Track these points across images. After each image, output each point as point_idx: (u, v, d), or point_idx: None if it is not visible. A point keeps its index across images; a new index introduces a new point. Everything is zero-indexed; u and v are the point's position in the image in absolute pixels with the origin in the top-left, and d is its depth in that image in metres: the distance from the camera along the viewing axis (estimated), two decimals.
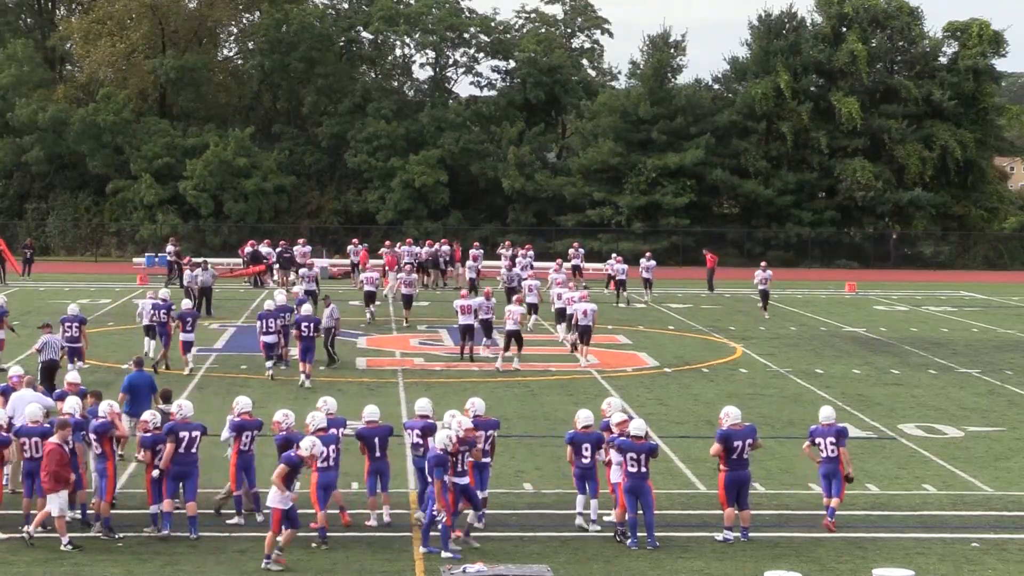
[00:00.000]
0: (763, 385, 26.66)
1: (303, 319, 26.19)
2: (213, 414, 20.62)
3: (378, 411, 16.03)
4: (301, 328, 26.00)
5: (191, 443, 15.34)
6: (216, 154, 61.88)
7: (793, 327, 36.90)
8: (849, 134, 62.90)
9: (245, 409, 16.02)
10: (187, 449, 15.30)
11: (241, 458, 15.83)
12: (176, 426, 15.40)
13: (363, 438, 15.78)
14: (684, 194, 61.92)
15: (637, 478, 14.95)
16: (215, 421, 18.91)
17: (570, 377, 27.31)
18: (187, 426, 15.42)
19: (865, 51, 63.21)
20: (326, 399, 16.28)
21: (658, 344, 32.68)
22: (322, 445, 14.93)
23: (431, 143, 64.45)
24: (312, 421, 15.43)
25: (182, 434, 15.31)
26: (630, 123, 63.46)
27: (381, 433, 15.77)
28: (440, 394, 24.50)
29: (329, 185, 66.48)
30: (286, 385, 25.42)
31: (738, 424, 15.50)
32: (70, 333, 25.26)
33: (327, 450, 15.07)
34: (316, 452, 14.67)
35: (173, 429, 15.34)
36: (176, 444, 15.24)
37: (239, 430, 15.85)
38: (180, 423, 15.45)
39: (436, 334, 33.50)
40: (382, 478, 15.75)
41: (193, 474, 15.30)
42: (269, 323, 26.56)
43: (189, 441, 15.34)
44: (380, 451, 15.69)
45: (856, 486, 18.21)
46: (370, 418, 15.90)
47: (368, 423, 15.88)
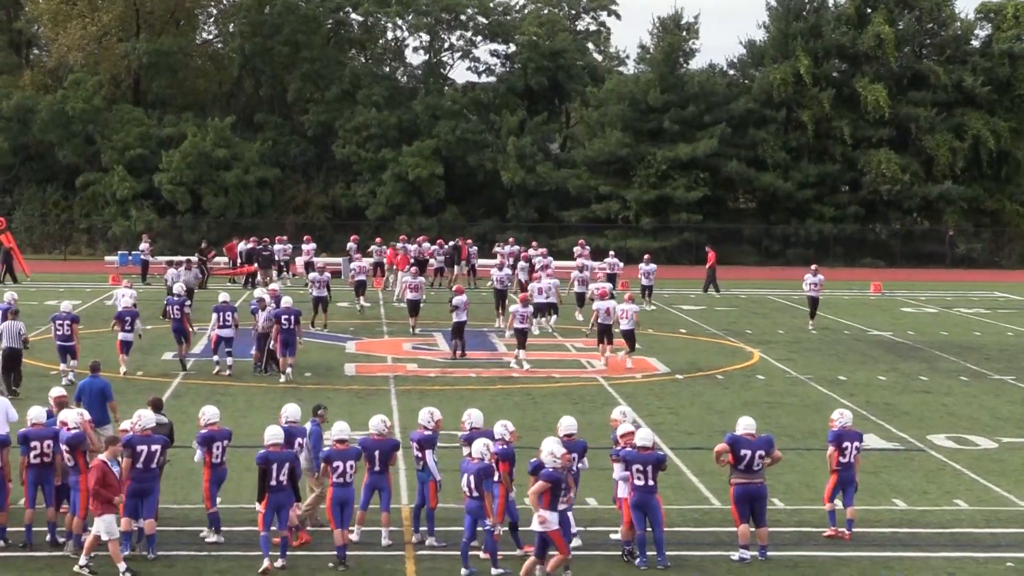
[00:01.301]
0: (782, 393, 26.66)
1: (282, 311, 27.14)
2: (190, 424, 20.59)
3: (383, 424, 15.96)
4: (281, 321, 27.02)
5: (150, 458, 15.14)
6: (194, 145, 61.90)
7: (814, 331, 36.89)
8: (874, 123, 62.92)
9: (212, 420, 15.98)
10: (146, 464, 15.12)
11: (214, 472, 15.77)
12: (133, 439, 15.17)
13: (365, 449, 15.78)
14: (697, 188, 61.96)
15: (644, 492, 14.94)
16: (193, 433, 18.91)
17: (575, 384, 27.30)
18: (147, 440, 15.19)
19: (892, 34, 63.23)
20: (287, 406, 16.20)
21: (669, 349, 32.68)
22: (340, 460, 14.95)
23: (425, 133, 64.47)
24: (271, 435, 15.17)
25: (140, 448, 15.08)
26: (639, 111, 63.48)
27: (384, 447, 15.72)
28: (435, 402, 24.48)
29: (316, 178, 66.50)
30: (270, 393, 25.41)
31: (751, 434, 15.49)
32: (62, 331, 25.88)
33: (343, 465, 15.03)
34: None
35: (130, 443, 15.12)
36: (133, 459, 15.05)
37: (208, 443, 15.79)
38: (138, 436, 15.21)
39: (431, 338, 33.50)
40: (381, 495, 15.74)
41: (154, 491, 15.18)
42: (225, 316, 27.37)
43: (148, 456, 15.12)
44: (380, 465, 15.68)
45: (883, 501, 18.20)
46: (378, 429, 15.91)
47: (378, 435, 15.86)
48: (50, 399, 17.07)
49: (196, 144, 61.92)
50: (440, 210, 64.46)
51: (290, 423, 15.85)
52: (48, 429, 15.71)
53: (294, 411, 16.11)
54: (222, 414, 22.70)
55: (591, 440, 21.45)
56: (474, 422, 15.92)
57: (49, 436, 15.60)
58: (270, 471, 14.73)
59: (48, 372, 27.03)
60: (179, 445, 17.04)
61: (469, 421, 15.96)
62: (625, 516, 15.31)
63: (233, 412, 23.22)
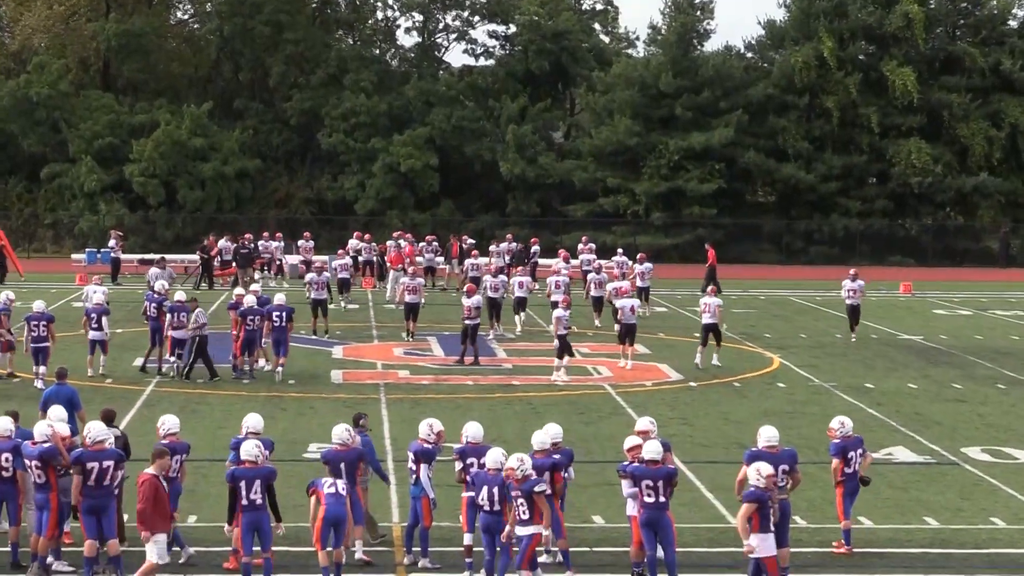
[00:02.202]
0: (804, 402, 26.64)
1: (275, 308, 27.94)
2: None
3: (346, 433, 15.95)
4: (272, 318, 27.76)
5: (103, 474, 15.04)
6: (168, 133, 61.89)
7: (838, 334, 36.88)
8: (904, 110, 62.91)
9: (172, 430, 15.94)
10: (98, 482, 15.02)
11: (170, 487, 15.74)
12: (83, 455, 15.06)
13: (329, 462, 15.72)
14: (712, 180, 61.96)
15: (654, 509, 14.91)
16: None
17: (580, 392, 27.29)
18: (99, 455, 15.07)
19: (922, 14, 63.23)
20: (248, 417, 16.12)
21: (682, 354, 32.66)
22: None
23: (418, 121, 64.47)
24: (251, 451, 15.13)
25: (90, 465, 14.99)
26: (649, 97, 63.48)
27: (349, 458, 15.70)
28: (429, 412, 24.46)
29: (300, 170, 66.51)
30: (251, 402, 25.39)
31: (774, 447, 15.45)
32: (36, 332, 26.08)
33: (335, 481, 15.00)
34: None
35: (80, 459, 15.02)
36: (83, 477, 14.98)
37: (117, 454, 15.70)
38: (90, 451, 15.11)
39: (424, 342, 33.49)
40: (352, 509, 15.71)
41: (110, 508, 15.12)
42: (181, 317, 27.63)
43: (100, 473, 15.02)
44: (348, 478, 15.62)
45: (913, 520, 18.18)
46: (339, 440, 15.85)
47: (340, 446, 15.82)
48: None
49: (170, 133, 61.91)
50: (434, 204, 64.45)
51: (252, 435, 15.75)
52: (8, 442, 15.65)
53: (256, 422, 15.95)
54: (198, 425, 22.94)
55: (599, 453, 21.49)
56: (470, 436, 15.87)
57: (8, 449, 15.54)
58: (239, 489, 14.69)
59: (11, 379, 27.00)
60: (139, 459, 16.97)
61: (466, 435, 15.92)
62: (635, 535, 15.28)
63: (210, 423, 23.21)
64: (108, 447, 15.25)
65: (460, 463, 15.56)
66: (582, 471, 18.68)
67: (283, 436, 22.01)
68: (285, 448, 21.01)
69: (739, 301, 45.86)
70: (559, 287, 36.88)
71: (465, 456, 15.52)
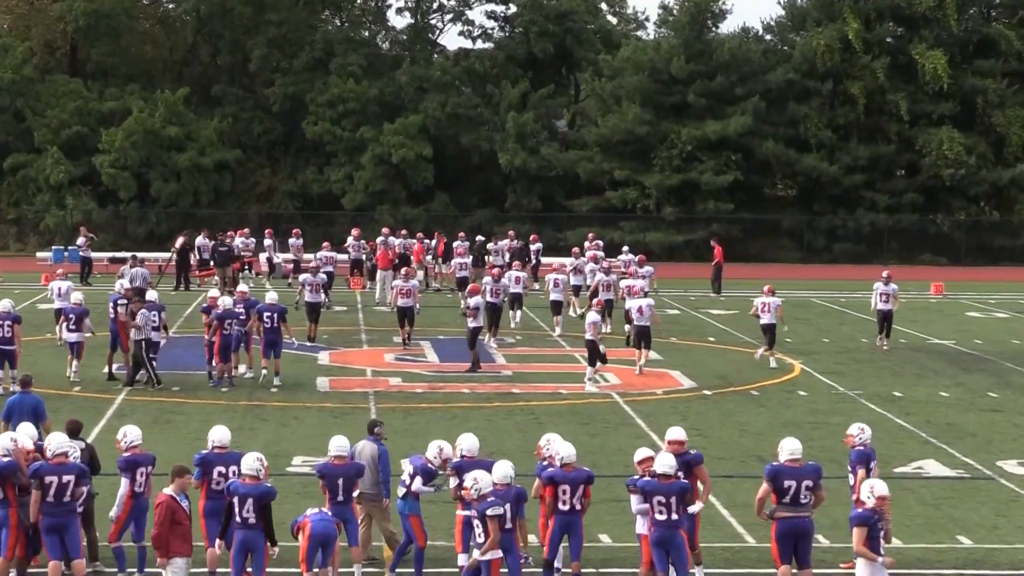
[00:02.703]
0: (827, 412, 26.64)
1: (266, 307, 28.17)
2: None
3: (347, 444, 15.96)
4: (263, 318, 27.97)
5: (62, 490, 15.00)
6: (140, 122, 61.90)
7: (864, 339, 36.88)
8: (935, 96, 62.92)
9: (135, 442, 15.88)
10: (58, 497, 14.98)
11: (135, 503, 15.68)
12: (42, 468, 15.01)
13: (325, 477, 15.72)
14: (727, 172, 61.98)
15: (667, 527, 14.90)
16: None
17: (585, 401, 27.29)
18: (58, 469, 15.03)
19: None
20: (214, 430, 16.01)
21: (695, 360, 32.66)
22: None
23: (411, 108, 64.48)
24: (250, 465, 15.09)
25: (49, 479, 14.93)
26: (660, 83, 63.49)
27: (347, 474, 15.69)
28: (423, 422, 24.48)
29: (283, 161, 66.52)
30: (228, 412, 25.38)
31: (797, 460, 15.45)
32: (2, 334, 26.29)
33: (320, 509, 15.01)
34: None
35: (38, 473, 14.96)
36: (42, 492, 14.94)
37: (130, 468, 15.70)
38: (49, 464, 15.06)
39: (417, 347, 33.49)
40: (346, 527, 15.70)
41: (72, 526, 15.09)
42: (118, 306, 28.10)
43: (59, 488, 14.97)
44: (344, 494, 15.62)
45: (945, 539, 18.18)
46: (338, 453, 15.84)
47: (335, 458, 15.81)
48: None
49: (143, 121, 61.90)
50: (428, 198, 64.45)
51: (217, 450, 15.71)
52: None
53: (222, 436, 15.84)
54: (173, 436, 22.93)
55: (605, 466, 21.48)
56: (466, 448, 15.83)
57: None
58: (233, 505, 14.68)
59: None
60: (108, 473, 16.95)
61: (460, 447, 15.89)
62: (644, 555, 15.28)
63: (186, 434, 23.20)
64: (70, 461, 15.22)
65: (456, 479, 15.52)
66: None
67: (265, 449, 21.90)
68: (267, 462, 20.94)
69: None
70: (558, 286, 36.97)
71: (462, 471, 15.49)
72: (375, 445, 16.30)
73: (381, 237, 45.61)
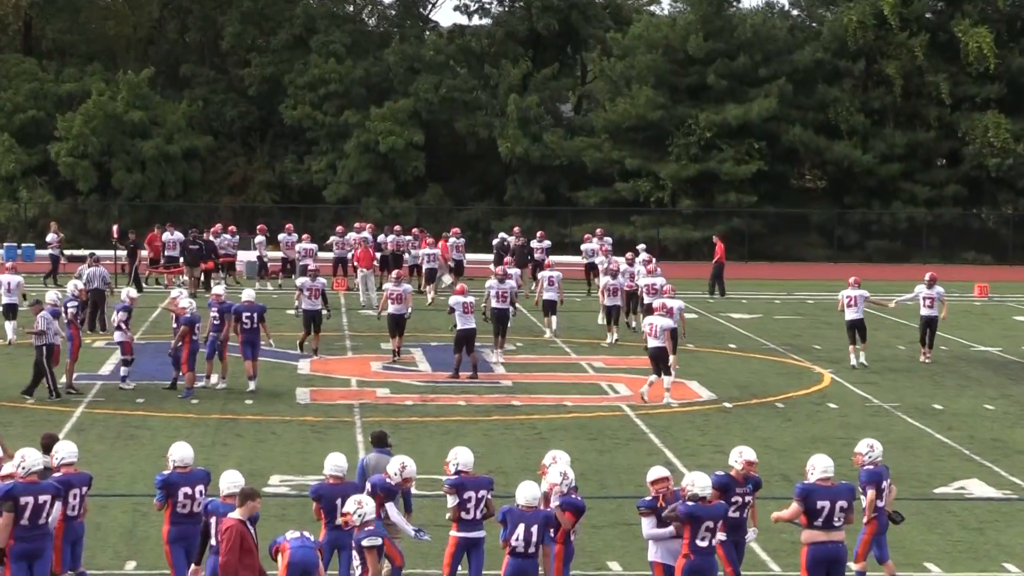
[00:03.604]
0: (860, 426, 26.62)
1: (244, 307, 28.48)
2: (96, 466, 20.60)
3: (344, 463, 15.96)
4: (243, 319, 28.25)
5: (38, 512, 14.95)
6: (101, 105, 61.90)
7: (902, 345, 36.89)
8: (979, 78, 62.95)
9: (68, 459, 15.75)
10: (33, 520, 14.92)
11: (68, 528, 15.59)
12: (15, 488, 14.92)
13: (321, 498, 15.73)
14: (750, 161, 61.99)
15: (706, 555, 14.96)
16: (99, 473, 18.85)
17: (593, 415, 27.30)
18: (32, 488, 14.97)
19: None
20: (175, 448, 15.99)
21: (715, 369, 32.66)
22: None
23: (400, 91, 64.50)
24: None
25: (24, 500, 14.86)
26: (676, 63, 63.49)
27: (346, 494, 15.67)
28: (413, 437, 24.48)
29: (259, 149, 66.53)
30: (199, 427, 25.40)
31: (828, 480, 15.47)
32: None
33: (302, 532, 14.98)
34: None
35: (11, 494, 14.88)
36: (16, 514, 14.87)
37: (63, 489, 15.58)
38: (23, 483, 14.99)
39: (408, 355, 33.50)
40: (341, 555, 15.71)
41: (45, 552, 15.08)
42: (69, 308, 28.22)
43: (35, 509, 14.92)
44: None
45: (990, 566, 18.18)
46: (334, 473, 15.85)
47: (331, 478, 15.83)
48: None
49: (103, 105, 61.91)
50: (419, 190, 64.44)
51: (179, 470, 15.68)
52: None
53: (183, 454, 15.80)
54: (137, 453, 22.95)
55: (615, 486, 21.49)
56: (461, 463, 15.84)
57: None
58: (211, 526, 14.69)
59: None
60: None
61: (455, 462, 15.89)
62: None
63: (151, 451, 23.17)
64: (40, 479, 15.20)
65: (456, 498, 15.51)
66: (595, 508, 18.69)
67: (239, 467, 21.93)
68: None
69: (782, 306, 45.86)
70: (552, 284, 36.96)
71: (463, 489, 15.52)
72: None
73: (363, 233, 45.54)
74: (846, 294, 33.09)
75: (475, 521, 15.59)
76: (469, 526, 15.51)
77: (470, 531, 15.54)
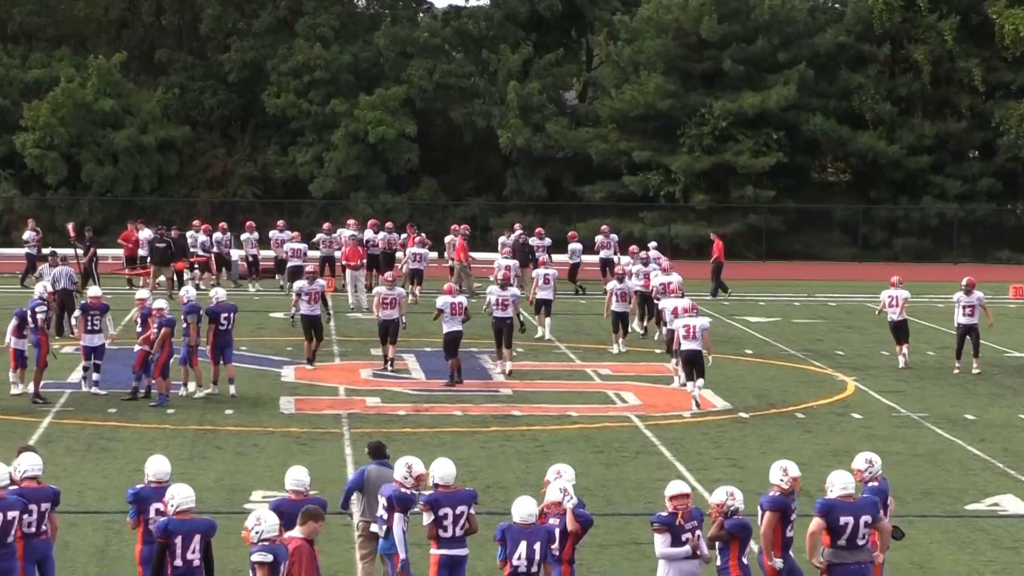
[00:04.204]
0: (886, 438, 26.63)
1: (220, 308, 28.79)
2: (65, 481, 20.59)
3: (306, 477, 15.96)
4: (220, 320, 28.58)
5: (6, 529, 14.97)
6: (70, 93, 61.88)
7: (931, 351, 36.89)
8: (1014, 64, 62.92)
9: (31, 472, 15.74)
10: (1, 538, 14.97)
11: (28, 547, 15.56)
12: None
13: (283, 515, 15.71)
14: (768, 152, 61.97)
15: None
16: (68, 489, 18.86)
17: (599, 426, 27.29)
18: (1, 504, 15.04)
19: None
20: (152, 461, 15.96)
21: (730, 376, 32.65)
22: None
23: (391, 77, 64.47)
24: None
25: None
26: (688, 47, 63.46)
27: None
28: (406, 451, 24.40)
29: (239, 140, 66.50)
30: (176, 438, 25.39)
31: (849, 496, 15.47)
32: None
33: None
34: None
35: None
36: None
37: (24, 504, 15.62)
38: None
39: (400, 361, 33.47)
40: None
41: (14, 571, 15.05)
42: (37, 313, 28.22)
43: (3, 527, 14.95)
44: None
45: None
46: (296, 488, 15.85)
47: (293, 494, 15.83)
48: None
49: (73, 92, 61.88)
50: (412, 184, 64.42)
51: (154, 485, 15.68)
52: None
53: (159, 468, 15.85)
54: (109, 467, 22.93)
55: (623, 503, 21.49)
56: (438, 477, 15.81)
57: None
58: (172, 546, 14.65)
59: None
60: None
61: (432, 475, 15.88)
62: None
63: (124, 464, 23.18)
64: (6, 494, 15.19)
65: (431, 514, 15.53)
66: (602, 526, 18.67)
67: (218, 482, 22.00)
68: (221, 498, 21.02)
69: (803, 309, 45.83)
70: (548, 282, 37.00)
71: (438, 506, 15.54)
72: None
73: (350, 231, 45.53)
74: (888, 294, 33.77)
75: (456, 538, 15.59)
76: (450, 543, 15.52)
77: (452, 548, 15.54)
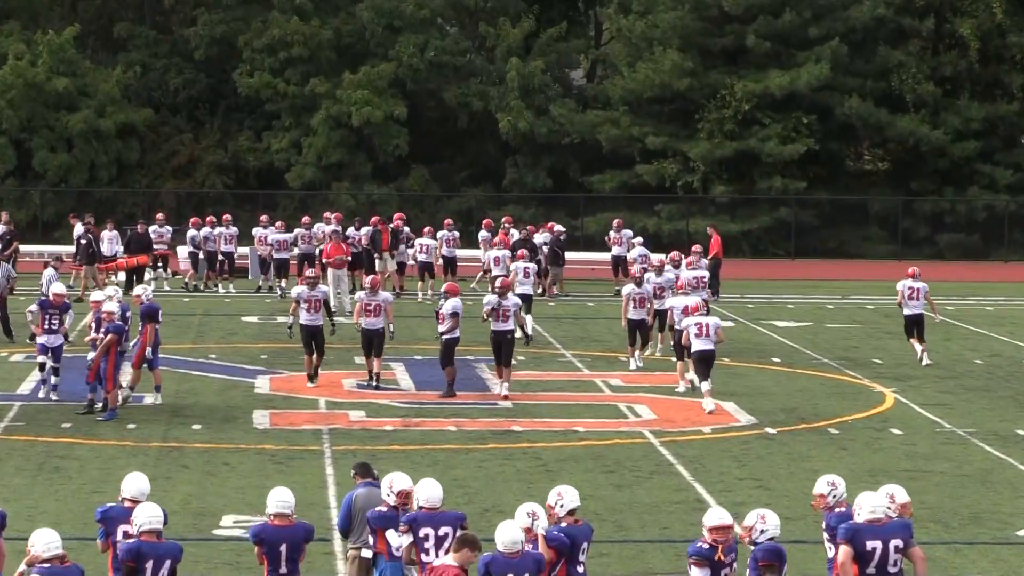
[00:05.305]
0: (929, 456, 26.66)
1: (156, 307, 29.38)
2: (14, 504, 20.62)
3: (291, 499, 16.03)
4: (159, 319, 29.28)
5: None
6: (18, 72, 61.91)
7: (978, 359, 36.90)
8: None
9: None
10: None
11: None
12: None
13: (263, 542, 15.80)
14: (798, 139, 61.99)
15: None
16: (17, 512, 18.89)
17: (609, 442, 27.32)
18: None
19: None
20: (129, 479, 16.02)
21: (755, 388, 32.67)
22: None
23: (378, 54, 64.50)
24: None
25: None
26: (707, 21, 63.50)
27: (293, 537, 15.76)
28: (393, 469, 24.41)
29: (208, 124, 66.51)
30: (138, 455, 25.42)
31: (879, 519, 15.51)
32: None
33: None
34: None
35: None
36: None
37: None
38: None
39: (386, 370, 33.50)
40: None
41: None
42: (53, 319, 28.98)
43: None
44: (288, 564, 15.70)
45: None
46: (279, 511, 15.92)
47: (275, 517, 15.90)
48: None
49: (22, 71, 61.92)
50: (401, 173, 64.44)
51: (128, 504, 15.74)
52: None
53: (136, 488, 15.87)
54: (63, 488, 22.96)
55: (637, 529, 21.48)
56: (423, 499, 15.89)
57: None
58: (142, 571, 14.72)
59: None
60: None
61: (419, 497, 15.95)
62: None
63: (80, 484, 23.23)
64: None
65: (409, 536, 15.64)
66: (613, 554, 18.72)
67: (184, 505, 22.00)
68: (189, 522, 21.02)
69: (837, 312, 45.85)
70: (528, 276, 37.62)
71: (417, 526, 15.64)
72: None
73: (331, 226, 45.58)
74: (908, 285, 34.04)
75: None
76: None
77: None
